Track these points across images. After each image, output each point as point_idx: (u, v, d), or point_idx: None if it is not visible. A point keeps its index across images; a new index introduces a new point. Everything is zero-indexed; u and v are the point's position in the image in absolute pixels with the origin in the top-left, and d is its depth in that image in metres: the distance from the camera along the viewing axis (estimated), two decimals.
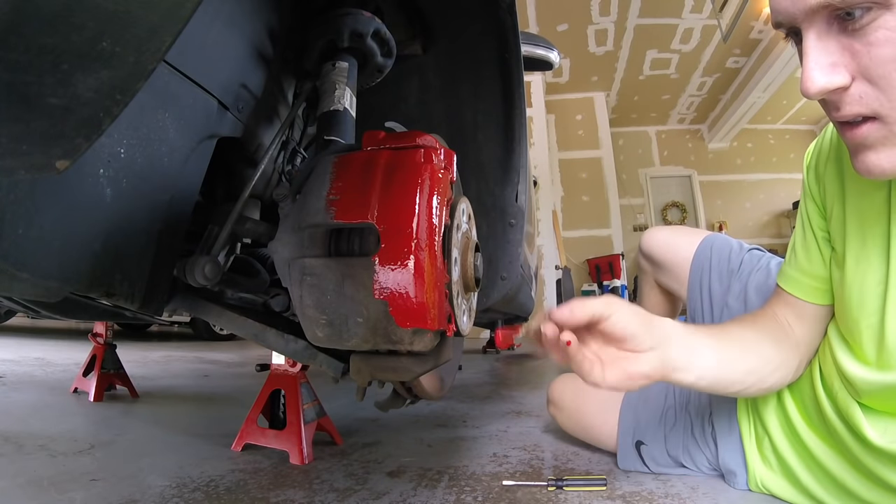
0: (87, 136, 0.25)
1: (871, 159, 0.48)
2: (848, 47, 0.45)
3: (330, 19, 0.70)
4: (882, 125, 0.46)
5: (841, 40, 0.45)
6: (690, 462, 0.88)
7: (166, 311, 0.60)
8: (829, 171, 0.69)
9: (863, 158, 0.49)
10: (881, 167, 0.48)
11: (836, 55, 0.45)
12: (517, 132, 0.94)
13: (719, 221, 7.94)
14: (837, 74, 0.45)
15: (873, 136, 0.47)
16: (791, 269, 0.75)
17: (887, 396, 0.63)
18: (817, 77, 0.45)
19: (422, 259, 0.47)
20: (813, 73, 0.46)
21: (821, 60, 0.45)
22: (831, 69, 0.45)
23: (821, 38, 0.45)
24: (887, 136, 0.46)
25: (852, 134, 0.48)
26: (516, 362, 2.99)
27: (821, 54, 0.45)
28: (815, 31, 0.45)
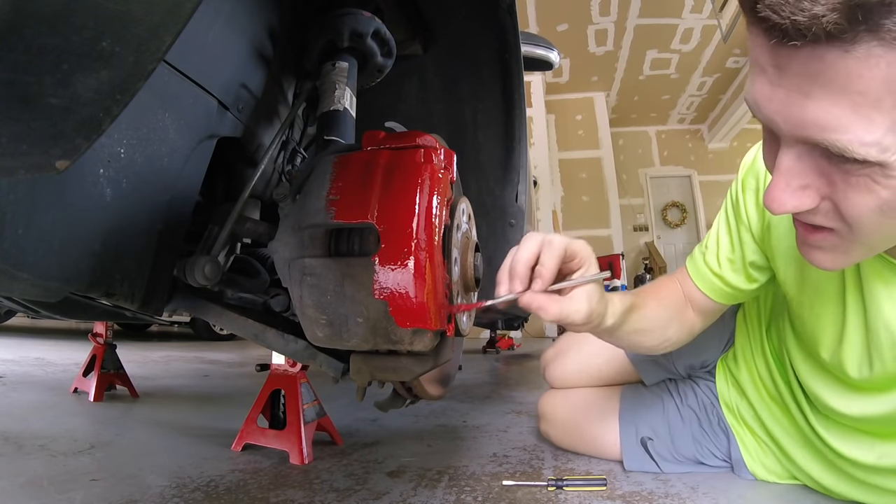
0: (87, 136, 0.25)
1: (817, 256, 0.49)
2: (826, 174, 0.41)
3: (330, 19, 0.70)
4: (837, 237, 0.45)
5: (820, 165, 0.41)
6: (701, 454, 0.88)
7: (166, 311, 0.60)
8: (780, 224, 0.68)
9: (808, 252, 0.49)
10: (824, 265, 0.49)
11: (811, 178, 0.42)
12: (517, 132, 0.94)
13: None
14: (807, 197, 0.43)
15: (826, 243, 0.47)
16: (708, 271, 0.76)
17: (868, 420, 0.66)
18: (786, 199, 0.42)
19: (422, 259, 0.47)
20: (783, 193, 0.42)
21: (793, 182, 0.42)
22: (802, 191, 0.42)
23: (800, 159, 0.41)
24: (839, 246, 0.46)
25: (805, 233, 0.48)
26: (516, 362, 2.99)
27: (794, 176, 0.42)
28: (795, 152, 0.41)
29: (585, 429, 0.97)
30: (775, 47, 0.37)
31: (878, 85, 0.34)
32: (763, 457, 0.85)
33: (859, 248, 0.46)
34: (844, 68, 0.34)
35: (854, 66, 0.33)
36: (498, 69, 0.88)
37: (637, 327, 0.70)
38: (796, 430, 0.79)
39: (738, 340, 0.91)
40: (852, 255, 0.47)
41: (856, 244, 0.45)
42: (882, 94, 0.34)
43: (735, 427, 0.88)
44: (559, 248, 0.52)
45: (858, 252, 0.47)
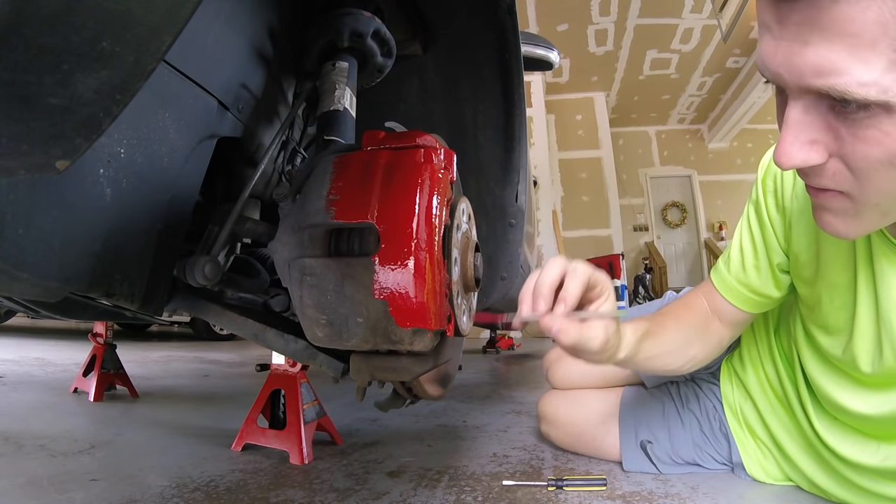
0: (87, 136, 0.25)
1: (829, 220, 0.49)
2: (833, 129, 0.42)
3: (330, 19, 0.70)
4: (847, 199, 0.46)
5: (828, 119, 0.42)
6: (701, 458, 0.88)
7: (166, 311, 0.60)
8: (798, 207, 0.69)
9: (821, 216, 0.50)
10: (836, 230, 0.49)
11: (819, 133, 0.43)
12: (517, 132, 0.94)
13: (719, 221, 7.94)
14: (815, 152, 0.43)
15: (837, 205, 0.47)
16: (734, 280, 0.76)
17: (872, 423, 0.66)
18: (794, 153, 0.43)
19: (422, 259, 0.47)
20: (791, 146, 0.43)
21: (801, 136, 0.43)
22: (810, 146, 0.43)
23: (807, 112, 0.42)
24: (849, 209, 0.46)
25: (817, 196, 0.48)
26: (516, 362, 2.99)
27: (802, 130, 0.43)
28: (802, 104, 0.42)
29: (585, 430, 0.97)
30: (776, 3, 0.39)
31: (871, 26, 0.35)
32: (764, 461, 0.84)
33: (871, 212, 0.46)
34: (838, 13, 0.36)
35: (846, 9, 0.35)
36: (498, 69, 0.88)
37: (654, 353, 0.70)
38: (800, 434, 0.79)
39: (745, 341, 0.90)
40: (865, 219, 0.47)
41: (867, 206, 0.45)
42: (876, 35, 0.35)
43: (736, 430, 0.87)
44: (584, 275, 0.53)
45: (871, 216, 0.46)
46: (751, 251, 0.75)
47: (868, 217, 0.47)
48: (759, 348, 0.87)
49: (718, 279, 0.77)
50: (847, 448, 0.69)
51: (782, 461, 0.82)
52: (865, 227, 0.48)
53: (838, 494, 0.73)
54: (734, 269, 0.76)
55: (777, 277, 0.74)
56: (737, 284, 0.75)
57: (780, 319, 0.85)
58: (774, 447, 0.83)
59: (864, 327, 0.62)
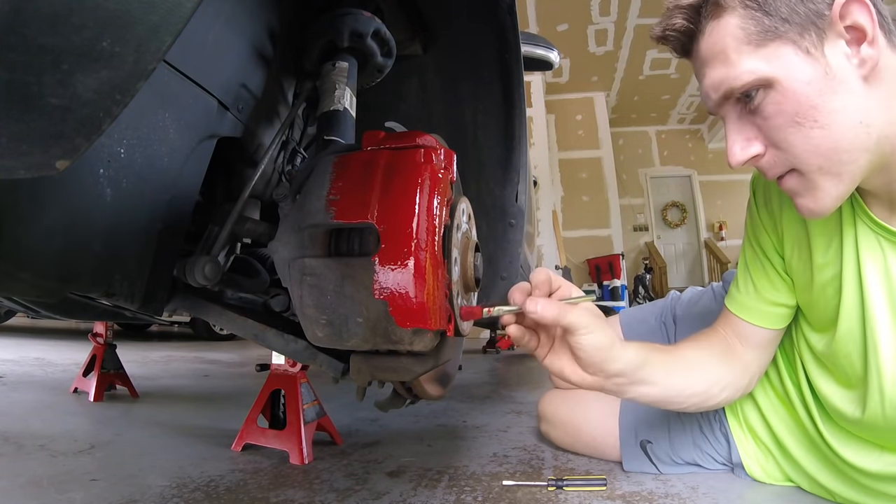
0: (87, 136, 0.25)
1: (801, 203, 0.57)
2: (755, 123, 0.55)
3: (330, 19, 0.70)
4: (798, 175, 0.55)
5: (750, 119, 0.55)
6: (701, 458, 0.88)
7: (166, 311, 0.60)
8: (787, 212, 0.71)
9: (797, 204, 0.58)
10: (809, 208, 0.57)
11: (750, 131, 0.56)
12: (517, 132, 0.94)
13: (719, 221, 7.95)
14: (752, 147, 0.55)
15: (794, 185, 0.56)
16: (748, 299, 0.75)
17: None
18: (737, 151, 0.56)
19: (422, 259, 0.47)
20: (733, 147, 0.56)
21: (737, 137, 0.56)
22: (746, 143, 0.56)
23: (736, 120, 0.56)
24: (805, 183, 0.55)
25: (782, 186, 0.58)
26: (516, 362, 2.99)
27: (737, 133, 0.56)
28: (731, 116, 0.57)
29: (585, 429, 0.97)
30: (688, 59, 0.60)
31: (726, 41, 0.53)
32: (764, 461, 0.84)
33: (822, 178, 0.54)
34: (706, 49, 0.56)
35: (709, 44, 0.55)
36: (498, 69, 0.88)
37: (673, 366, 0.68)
38: (803, 434, 0.79)
39: None
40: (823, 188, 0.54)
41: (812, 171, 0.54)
42: (730, 45, 0.53)
43: (736, 430, 0.87)
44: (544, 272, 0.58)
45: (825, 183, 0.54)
46: (756, 263, 0.75)
47: (824, 184, 0.54)
48: None
49: (733, 303, 0.77)
50: (850, 452, 0.69)
51: (784, 461, 0.82)
52: (828, 194, 0.55)
53: (843, 493, 0.73)
54: (745, 289, 0.75)
55: (787, 283, 0.74)
56: (752, 302, 0.75)
57: None
58: (777, 447, 0.83)
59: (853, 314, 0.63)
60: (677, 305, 0.99)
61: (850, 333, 0.64)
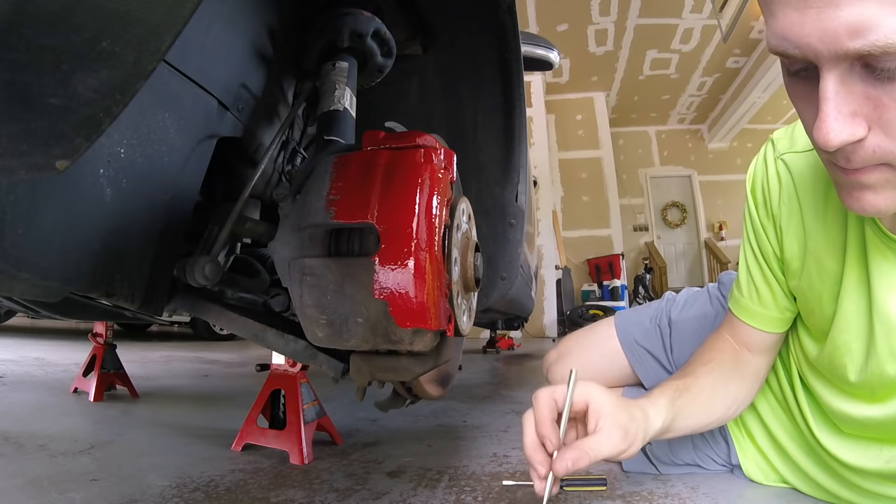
0: (87, 136, 0.25)
1: (869, 198, 0.46)
2: (872, 97, 0.40)
3: (330, 19, 0.70)
4: (889, 169, 0.43)
5: (864, 87, 0.40)
6: (700, 459, 0.88)
7: (166, 311, 0.59)
8: (786, 212, 0.69)
9: (859, 196, 0.46)
10: (877, 207, 0.46)
11: (858, 103, 0.40)
12: (517, 132, 0.94)
13: (719, 221, 7.95)
14: (859, 126, 0.41)
15: (878, 179, 0.44)
16: (753, 305, 0.74)
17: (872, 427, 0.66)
18: (839, 129, 0.40)
19: (422, 259, 0.47)
20: (834, 123, 0.40)
21: (843, 109, 0.40)
22: (852, 119, 0.40)
23: (843, 82, 0.40)
24: (891, 179, 0.44)
25: (855, 175, 0.45)
26: (516, 362, 2.99)
27: (843, 102, 0.40)
28: (837, 73, 0.39)
29: None
30: None
31: None
32: (763, 464, 0.84)
33: None
34: None
35: None
36: (498, 69, 0.88)
37: (693, 408, 0.69)
38: (800, 437, 0.78)
39: None
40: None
41: None
42: None
43: (735, 433, 0.87)
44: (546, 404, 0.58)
45: None
46: (757, 269, 0.74)
47: None
48: None
49: (737, 307, 0.76)
50: (848, 454, 0.69)
51: (782, 464, 0.82)
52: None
53: (841, 495, 0.73)
54: (748, 294, 0.75)
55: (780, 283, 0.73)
56: (756, 307, 0.74)
57: None
58: (775, 449, 0.83)
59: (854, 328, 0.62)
60: (672, 308, 0.99)
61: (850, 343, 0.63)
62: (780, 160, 0.69)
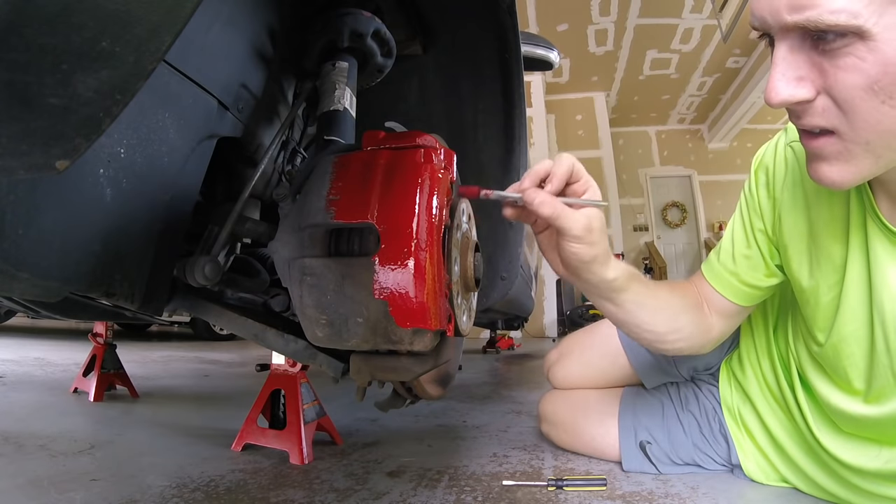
0: (87, 136, 0.25)
1: (824, 170, 0.50)
2: (817, 64, 0.46)
3: (330, 19, 0.70)
4: (838, 140, 0.48)
5: (812, 56, 0.46)
6: (700, 459, 0.88)
7: (166, 311, 0.59)
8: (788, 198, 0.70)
9: (816, 167, 0.51)
10: (831, 178, 0.50)
11: (804, 70, 0.46)
12: (517, 132, 0.94)
13: (719, 221, 7.94)
14: (802, 88, 0.47)
15: (829, 148, 0.49)
16: (724, 270, 0.76)
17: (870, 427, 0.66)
18: (781, 88, 0.47)
19: (422, 259, 0.47)
20: (778, 83, 0.47)
21: (788, 73, 0.47)
22: (797, 82, 0.47)
23: (792, 51, 0.46)
24: (841, 151, 0.48)
25: (809, 143, 0.50)
26: (516, 362, 2.99)
27: (789, 67, 0.47)
28: (787, 43, 0.47)
29: (585, 429, 0.97)
30: None
31: None
32: (763, 463, 0.84)
33: (863, 153, 0.47)
34: None
35: None
36: (498, 69, 0.88)
37: (644, 301, 0.69)
38: (799, 437, 0.79)
39: (743, 343, 0.90)
40: (858, 163, 0.48)
41: (858, 144, 0.47)
42: None
43: (735, 432, 0.87)
44: (568, 161, 0.57)
45: (863, 159, 0.48)
46: (742, 240, 0.75)
47: (861, 160, 0.48)
48: (758, 350, 0.87)
49: (708, 269, 0.78)
50: (847, 453, 0.69)
51: (782, 463, 0.82)
52: (859, 171, 0.49)
53: (840, 494, 0.73)
54: (724, 259, 0.76)
55: (768, 267, 0.74)
56: (727, 274, 0.75)
57: (779, 321, 0.85)
58: (774, 449, 0.83)
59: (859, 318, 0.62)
60: None
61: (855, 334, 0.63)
62: (790, 147, 0.70)
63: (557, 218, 0.55)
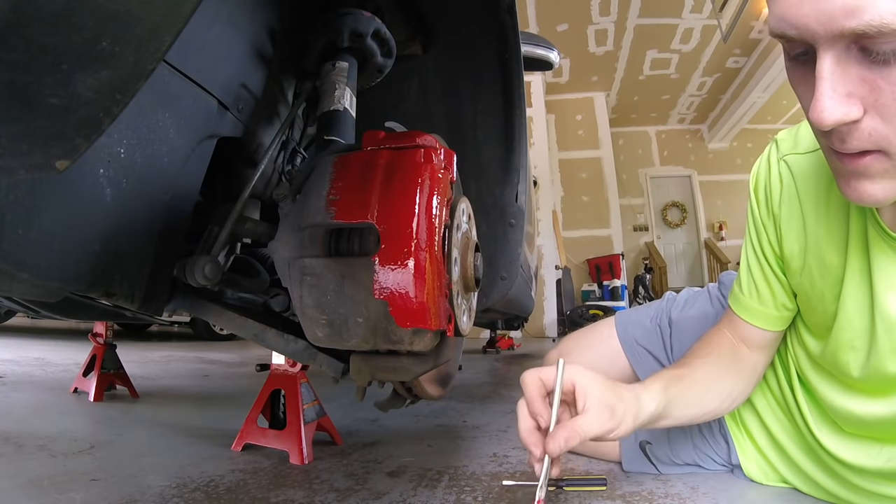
0: (87, 136, 0.25)
1: (866, 188, 0.46)
2: (867, 79, 0.40)
3: (330, 19, 0.70)
4: (886, 158, 0.44)
5: (860, 70, 0.40)
6: (700, 459, 0.88)
7: (166, 311, 0.59)
8: (786, 211, 0.70)
9: (857, 186, 0.47)
10: (874, 196, 0.47)
11: (853, 85, 0.41)
12: (517, 132, 0.94)
13: (719, 221, 7.95)
14: (854, 106, 0.41)
15: (876, 167, 0.45)
16: (752, 302, 0.75)
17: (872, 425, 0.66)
18: (833, 108, 0.41)
19: (422, 259, 0.47)
20: (829, 102, 0.41)
21: (838, 89, 0.41)
22: (847, 100, 0.41)
23: (840, 63, 0.41)
24: (888, 169, 0.44)
25: (852, 163, 0.46)
26: (516, 362, 2.99)
27: (839, 82, 0.41)
28: (833, 54, 0.40)
29: None
30: None
31: None
32: (763, 463, 0.84)
33: None
34: None
35: None
36: (498, 69, 0.88)
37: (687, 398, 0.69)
38: (799, 437, 0.78)
39: None
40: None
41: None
42: None
43: (735, 432, 0.87)
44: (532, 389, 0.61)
45: None
46: (757, 267, 0.74)
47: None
48: None
49: (737, 304, 0.77)
50: (848, 453, 0.69)
51: (782, 463, 0.82)
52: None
53: (841, 494, 0.73)
54: (748, 291, 0.75)
55: (781, 282, 0.73)
56: (756, 305, 0.74)
57: None
58: (774, 449, 0.83)
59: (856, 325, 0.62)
60: (672, 308, 0.99)
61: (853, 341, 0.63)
62: (783, 161, 0.69)
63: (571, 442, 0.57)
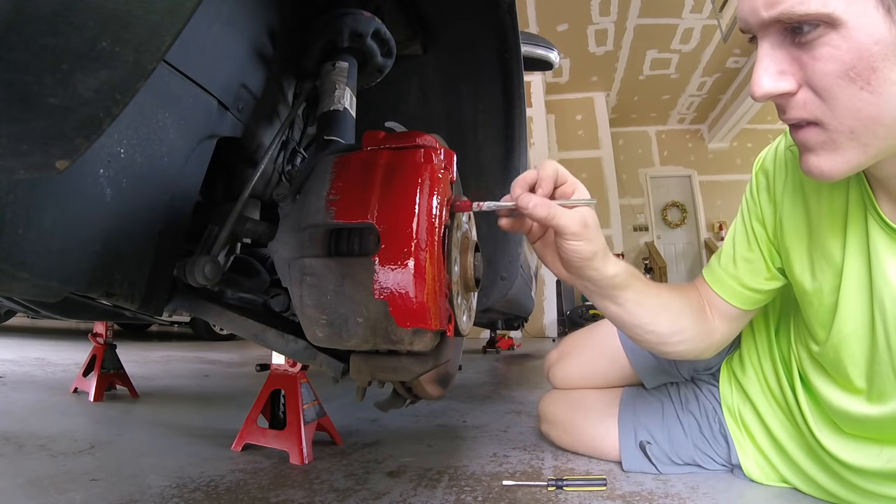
0: (87, 136, 0.25)
1: (812, 161, 0.52)
2: (797, 58, 0.48)
3: (330, 19, 0.70)
4: (822, 130, 0.50)
5: (791, 51, 0.48)
6: (700, 459, 0.88)
7: (166, 311, 0.59)
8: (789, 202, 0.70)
9: (805, 160, 0.53)
10: (819, 169, 0.52)
11: (785, 64, 0.49)
12: (517, 132, 0.94)
13: (719, 221, 7.95)
14: (784, 81, 0.49)
15: (813, 139, 0.51)
16: (725, 274, 0.76)
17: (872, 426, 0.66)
18: (765, 82, 0.50)
19: (422, 259, 0.47)
20: (761, 78, 0.50)
21: (770, 67, 0.49)
22: (778, 76, 0.49)
23: (773, 47, 0.49)
24: (826, 141, 0.50)
25: (796, 135, 0.53)
26: (516, 362, 2.99)
27: (771, 62, 0.50)
28: (769, 41, 0.49)
29: (585, 429, 0.97)
30: None
31: None
32: (763, 463, 0.84)
33: (848, 142, 0.49)
34: None
35: None
36: (498, 69, 0.88)
37: (645, 300, 0.69)
38: (800, 437, 0.79)
39: (745, 343, 0.90)
40: (845, 152, 0.50)
41: (842, 133, 0.49)
42: None
43: (735, 432, 0.87)
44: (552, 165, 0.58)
45: (850, 148, 0.49)
46: (743, 243, 0.75)
47: (847, 149, 0.50)
48: (759, 351, 0.87)
49: (709, 273, 0.78)
50: (848, 453, 0.69)
51: (782, 463, 0.82)
52: (847, 161, 0.50)
53: (841, 495, 0.73)
54: (725, 263, 0.76)
55: (770, 271, 0.74)
56: (728, 278, 0.75)
57: (781, 322, 0.85)
58: (774, 449, 0.83)
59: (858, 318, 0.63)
60: None
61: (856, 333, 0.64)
62: (790, 150, 0.70)
63: (553, 217, 0.56)
